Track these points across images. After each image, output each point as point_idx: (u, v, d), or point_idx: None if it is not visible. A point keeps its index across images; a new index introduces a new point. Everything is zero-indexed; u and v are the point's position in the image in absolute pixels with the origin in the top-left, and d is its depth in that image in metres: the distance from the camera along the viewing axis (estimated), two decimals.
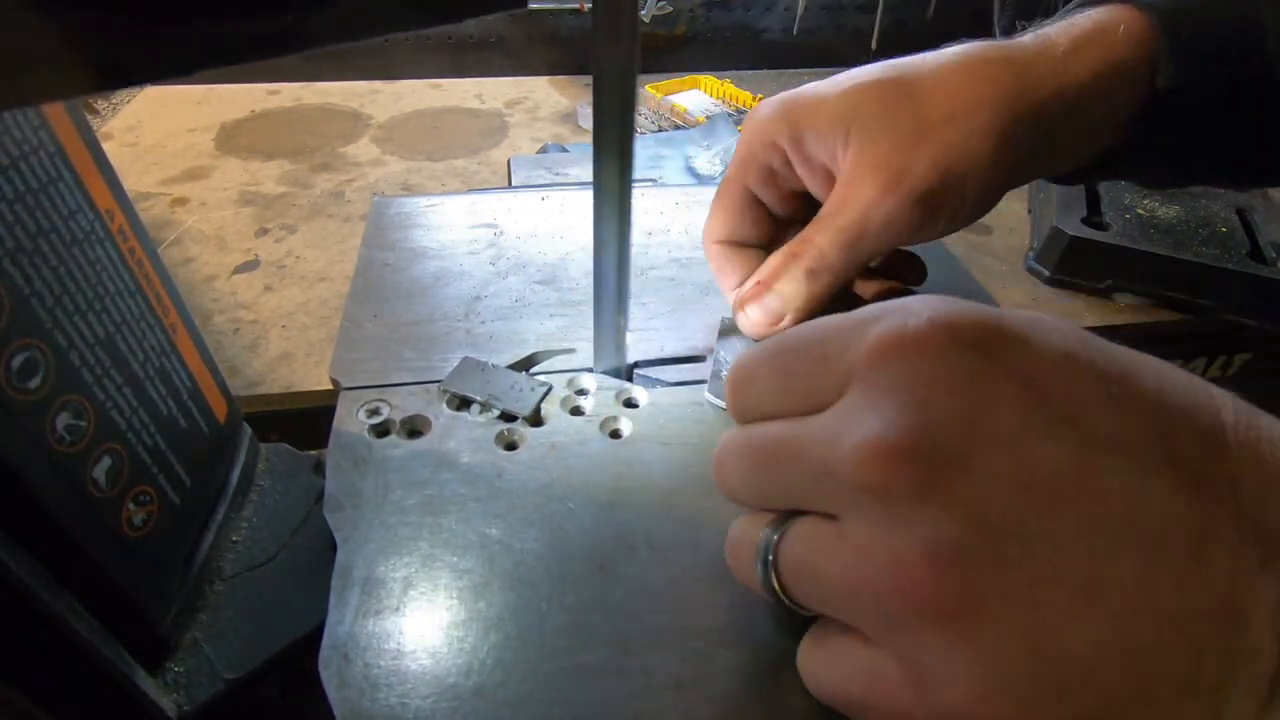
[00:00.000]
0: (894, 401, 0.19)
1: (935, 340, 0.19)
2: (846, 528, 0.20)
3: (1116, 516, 0.17)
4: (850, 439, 0.19)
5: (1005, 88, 0.32)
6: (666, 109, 0.84)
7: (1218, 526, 0.17)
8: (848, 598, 0.20)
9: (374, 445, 0.32)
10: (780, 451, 0.22)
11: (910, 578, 0.18)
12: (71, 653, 0.22)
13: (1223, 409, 0.19)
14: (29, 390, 0.21)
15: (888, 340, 0.20)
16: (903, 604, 0.18)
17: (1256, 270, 0.57)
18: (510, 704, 0.24)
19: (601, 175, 0.29)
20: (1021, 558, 0.18)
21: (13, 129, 0.21)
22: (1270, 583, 0.17)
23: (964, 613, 0.18)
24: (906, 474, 0.18)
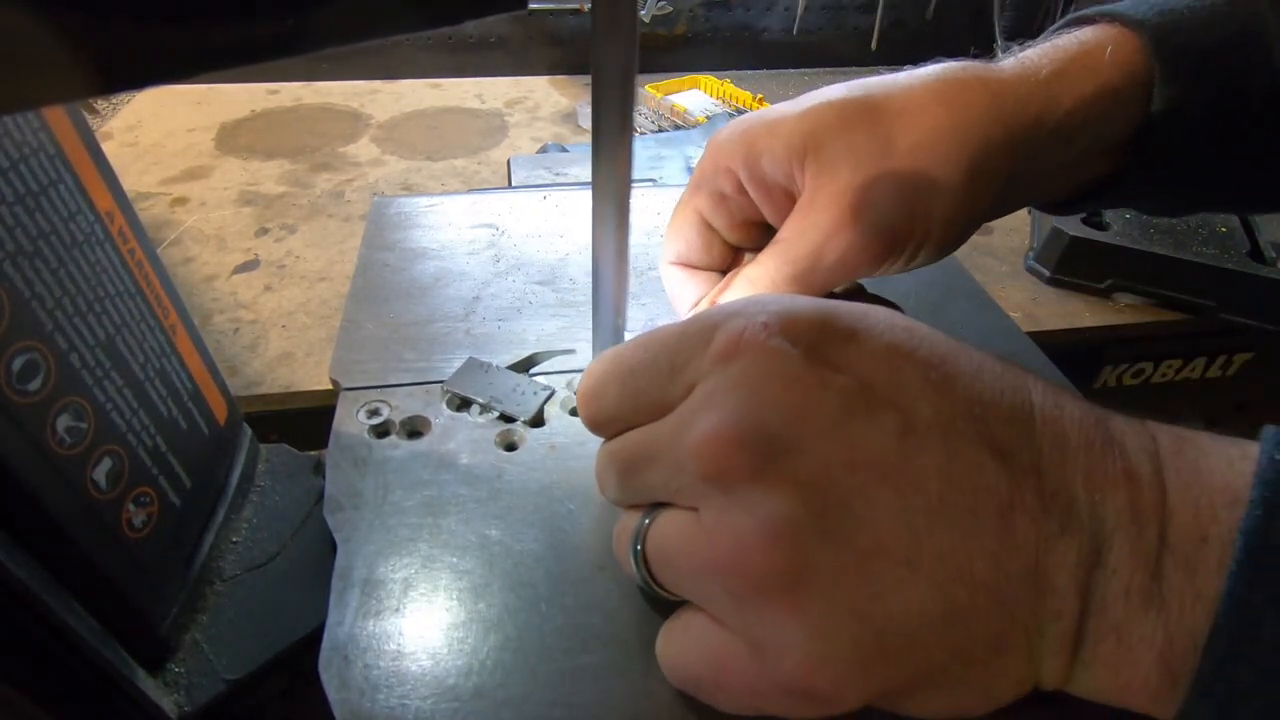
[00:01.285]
0: (729, 396, 0.21)
1: (769, 341, 0.21)
2: (699, 515, 0.21)
3: (933, 491, 0.19)
4: (691, 435, 0.21)
5: (979, 114, 0.29)
6: (666, 109, 0.84)
7: (1023, 497, 0.19)
8: (697, 579, 0.21)
9: (374, 446, 0.32)
10: (638, 457, 0.23)
11: (748, 554, 0.19)
12: (72, 653, 0.22)
13: (1033, 391, 0.21)
14: (29, 392, 0.21)
15: (726, 346, 0.21)
16: (742, 580, 0.20)
17: (1256, 270, 0.57)
18: (510, 705, 0.24)
19: (601, 175, 0.29)
20: (849, 532, 0.19)
21: (13, 131, 0.21)
22: (1069, 547, 0.19)
23: (796, 584, 0.19)
24: (741, 459, 0.20)
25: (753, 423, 0.20)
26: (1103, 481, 0.19)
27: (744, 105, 0.86)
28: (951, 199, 0.29)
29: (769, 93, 0.88)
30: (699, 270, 0.36)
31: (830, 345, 0.21)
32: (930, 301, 0.43)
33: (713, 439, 0.20)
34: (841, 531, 0.19)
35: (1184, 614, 0.18)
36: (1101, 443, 0.20)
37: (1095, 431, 0.20)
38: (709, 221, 0.35)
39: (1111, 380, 0.64)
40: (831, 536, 0.19)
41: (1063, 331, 0.58)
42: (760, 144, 0.31)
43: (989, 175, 0.30)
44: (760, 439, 0.20)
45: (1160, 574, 0.18)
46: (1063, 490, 0.19)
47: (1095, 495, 0.19)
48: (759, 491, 0.20)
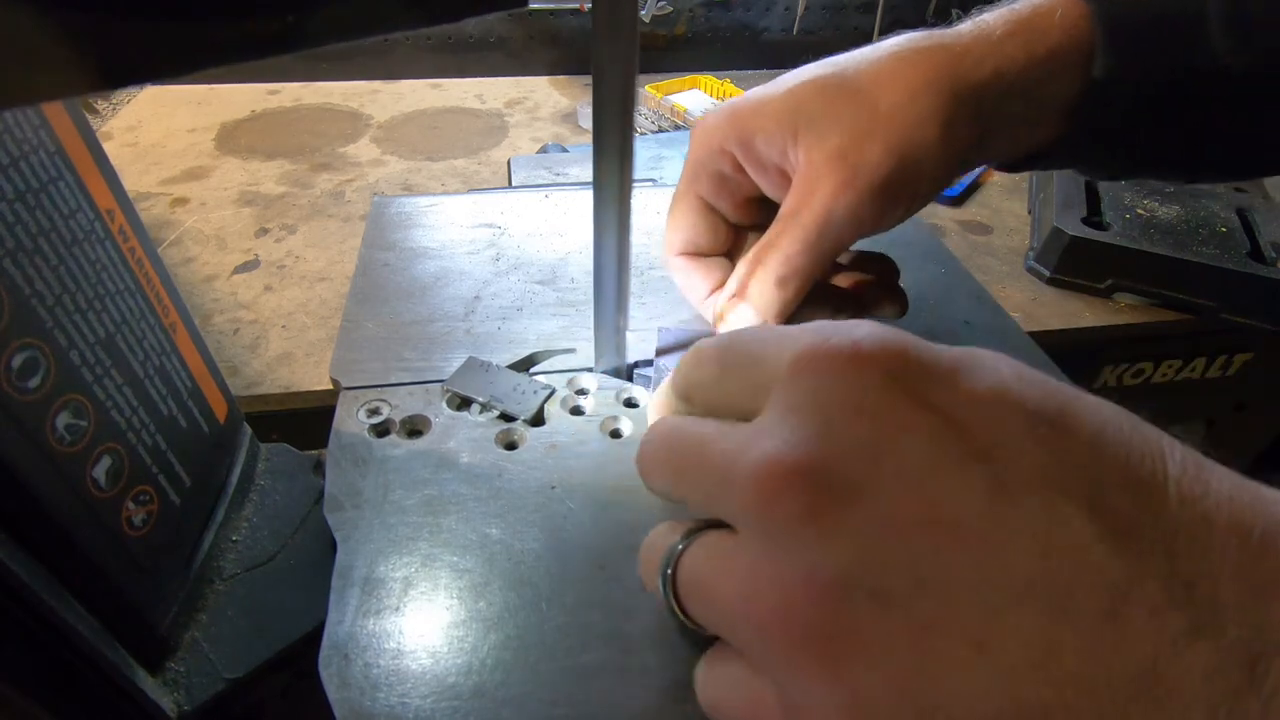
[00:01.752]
0: (799, 420, 0.19)
1: (853, 361, 0.19)
2: (740, 546, 0.19)
3: (1022, 564, 0.16)
4: (751, 454, 0.19)
5: (943, 71, 0.32)
6: (666, 109, 0.84)
7: (1143, 586, 0.16)
8: (733, 619, 0.19)
9: (374, 445, 0.32)
10: (696, 450, 0.21)
11: (788, 606, 0.17)
12: (72, 652, 0.22)
13: (1169, 459, 0.17)
14: (29, 390, 0.21)
15: (805, 355, 0.20)
16: (780, 633, 0.18)
17: (1256, 270, 0.57)
18: (510, 704, 0.24)
19: (601, 175, 0.29)
20: (909, 599, 0.17)
21: (13, 128, 0.21)
22: (1201, 654, 0.15)
23: (839, 650, 0.17)
24: (796, 497, 0.18)
25: (818, 455, 0.18)
26: (1261, 580, 0.16)
27: None
28: (934, 151, 0.31)
29: None
30: (706, 257, 0.37)
31: (925, 380, 0.19)
32: (931, 301, 0.43)
33: (772, 466, 0.18)
34: (901, 598, 0.17)
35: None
36: (1264, 531, 0.16)
37: (1253, 516, 0.16)
38: (712, 204, 0.36)
39: (1111, 380, 0.64)
40: (888, 601, 0.17)
41: (1063, 331, 0.58)
42: (751, 124, 0.33)
43: (960, 127, 0.32)
44: (823, 475, 0.18)
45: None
46: (1200, 584, 0.16)
47: (1250, 597, 0.15)
48: (812, 536, 0.17)
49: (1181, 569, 0.16)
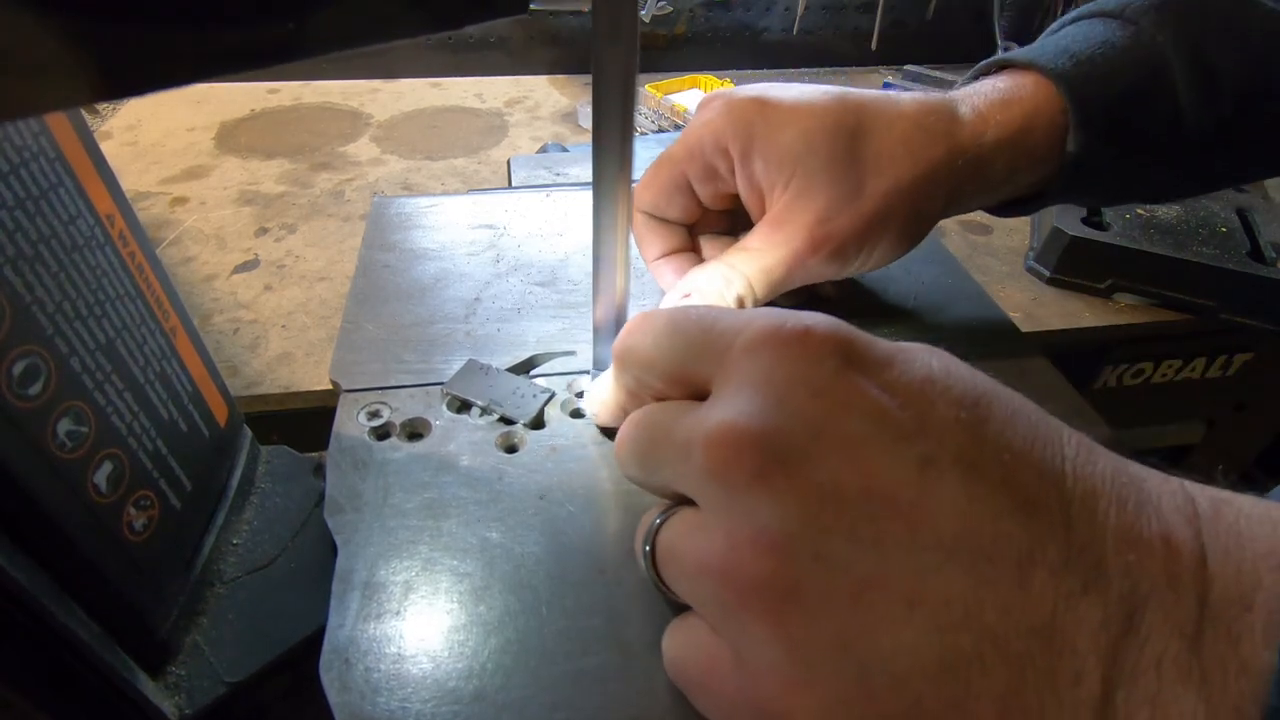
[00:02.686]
0: (752, 393, 0.20)
1: (804, 343, 0.21)
2: (701, 515, 0.21)
3: (947, 531, 0.18)
4: (705, 424, 0.20)
5: (936, 165, 0.35)
6: (666, 109, 0.84)
7: (1045, 550, 0.18)
8: (692, 580, 0.21)
9: (374, 448, 0.32)
10: (657, 434, 0.23)
11: (737, 559, 0.19)
12: (73, 656, 0.23)
13: (1065, 444, 0.20)
14: (30, 397, 0.21)
15: (761, 335, 0.21)
16: (730, 588, 0.19)
17: (1256, 270, 0.57)
18: (511, 708, 0.24)
19: (601, 175, 0.29)
20: (848, 559, 0.18)
21: (13, 135, 0.21)
22: (1092, 607, 0.17)
23: (783, 601, 0.19)
24: (748, 459, 0.19)
25: (769, 424, 0.20)
26: (1135, 543, 0.18)
27: None
28: (897, 234, 0.36)
29: None
30: (668, 223, 0.40)
31: (865, 366, 0.21)
32: (931, 302, 0.43)
33: (724, 433, 0.20)
34: (840, 556, 0.18)
35: (1228, 687, 0.16)
36: (1136, 502, 0.19)
37: (1129, 490, 0.19)
38: (694, 186, 0.38)
39: (1112, 380, 0.64)
40: (828, 559, 0.18)
41: (1063, 331, 0.58)
42: (757, 144, 0.35)
43: (930, 213, 0.37)
44: (773, 443, 0.19)
45: (1200, 644, 0.17)
46: (1090, 548, 0.18)
47: (1127, 556, 0.18)
48: (760, 496, 0.19)
49: (1076, 536, 0.18)
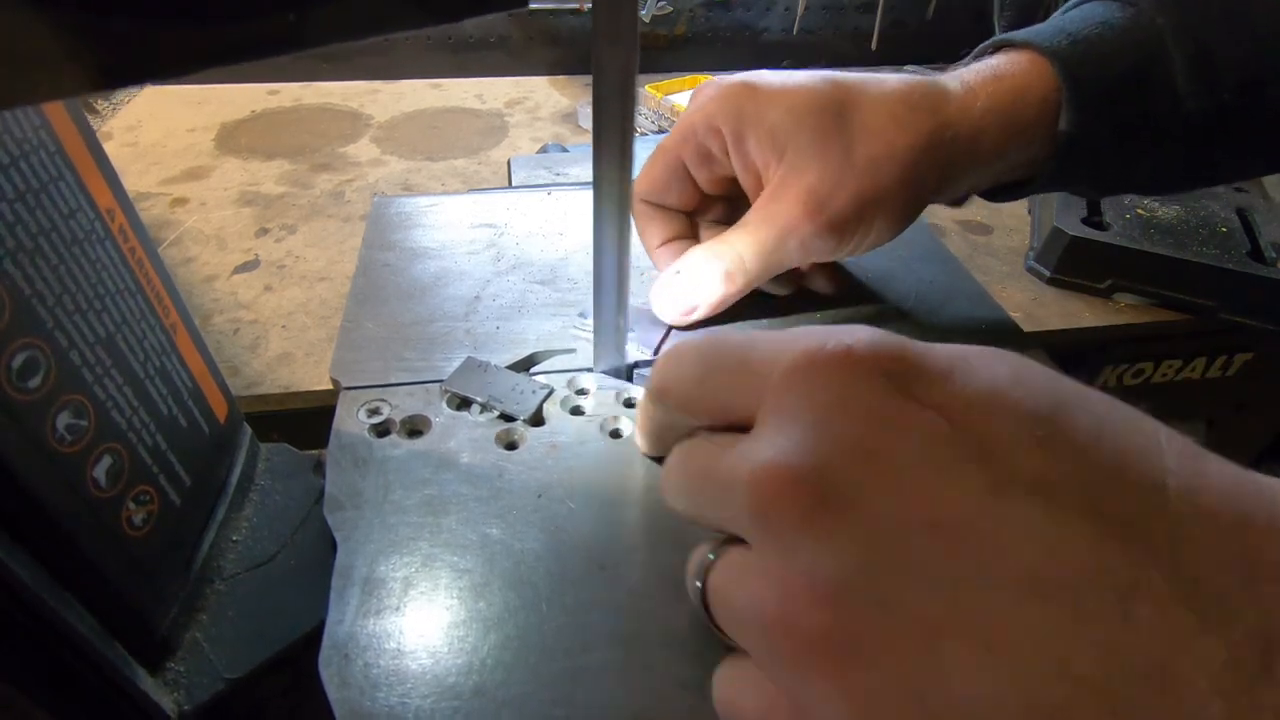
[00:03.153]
0: (794, 426, 0.19)
1: (847, 364, 0.19)
2: (751, 556, 0.20)
3: (1027, 564, 0.16)
4: (748, 463, 0.19)
5: (925, 136, 0.35)
6: (666, 109, 0.84)
7: (1150, 584, 0.15)
8: (745, 626, 0.20)
9: (374, 445, 0.32)
10: (703, 469, 0.22)
11: (791, 611, 0.18)
12: (71, 652, 0.22)
13: (1166, 454, 0.17)
14: (29, 390, 0.21)
15: (800, 361, 0.19)
16: (785, 639, 0.18)
17: (1256, 270, 0.57)
18: (510, 704, 0.24)
19: (601, 175, 0.29)
20: (914, 600, 0.16)
21: (13, 128, 0.21)
22: (1212, 648, 0.15)
23: (843, 654, 0.17)
24: (794, 502, 0.18)
25: (815, 460, 0.18)
26: (1267, 570, 0.15)
27: None
28: (891, 206, 0.35)
29: None
30: (667, 210, 0.40)
31: (921, 381, 0.18)
32: (932, 301, 0.43)
33: (768, 474, 0.18)
34: (905, 599, 0.16)
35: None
36: (1267, 520, 0.16)
37: (1254, 504, 0.16)
38: (690, 170, 0.39)
39: (1112, 380, 0.64)
40: (892, 604, 0.17)
41: (1063, 331, 0.58)
42: (748, 126, 0.36)
43: (923, 187, 0.36)
44: (821, 479, 0.18)
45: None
46: (1206, 577, 0.15)
47: (1259, 587, 0.15)
48: (812, 540, 0.17)
49: (1186, 565, 0.16)
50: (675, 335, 0.39)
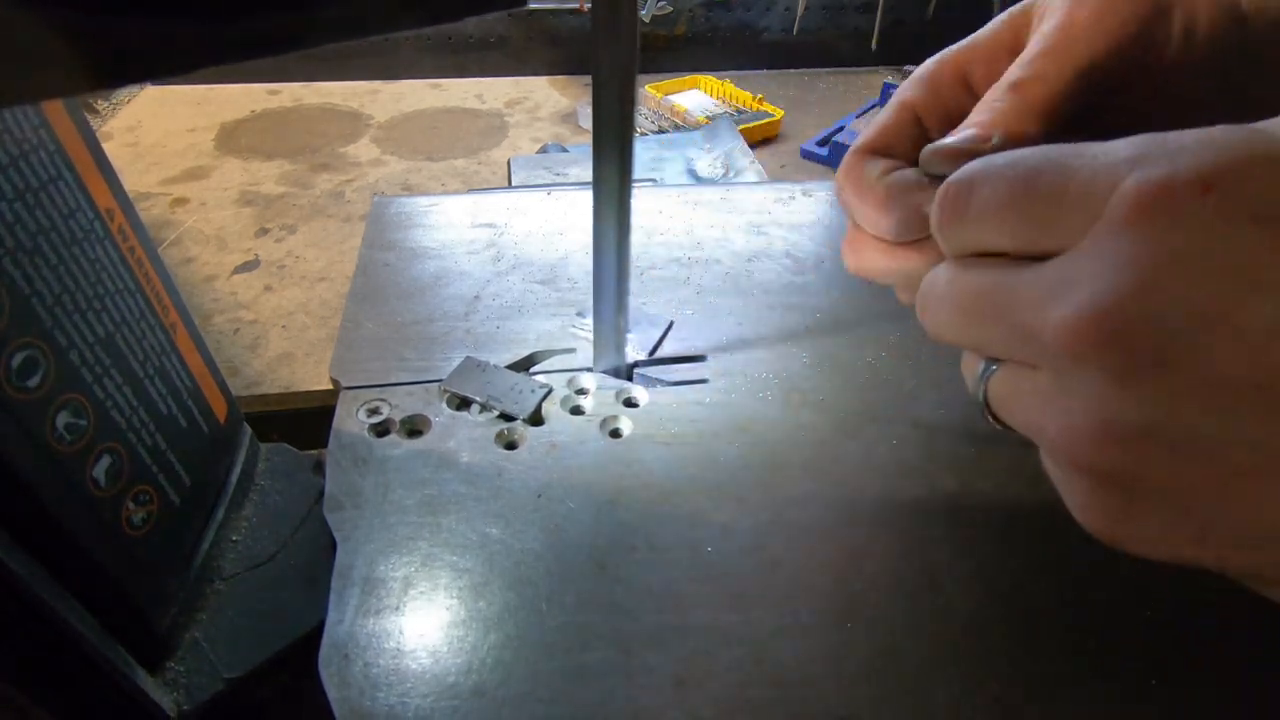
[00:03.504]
0: (1132, 271, 0.16)
1: (1209, 205, 0.16)
2: (1046, 383, 0.18)
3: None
4: (1063, 306, 0.17)
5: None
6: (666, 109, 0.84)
7: None
8: (1034, 434, 0.19)
9: (374, 445, 0.32)
10: (986, 305, 0.20)
11: (1077, 445, 0.17)
12: (71, 652, 0.22)
13: None
14: (29, 389, 0.21)
15: (1146, 195, 0.16)
16: (1069, 464, 0.18)
17: None
18: (510, 703, 0.24)
19: (601, 175, 0.29)
20: (1221, 449, 0.16)
21: (13, 127, 0.21)
22: None
23: (1131, 494, 0.17)
24: (1119, 356, 0.16)
25: (1155, 314, 0.16)
26: None
27: (744, 105, 0.86)
28: (1193, 32, 0.26)
29: (769, 93, 0.88)
30: (889, 160, 0.31)
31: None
32: None
33: (1094, 319, 0.16)
34: (1210, 447, 0.16)
35: None
36: None
37: None
38: (921, 117, 0.31)
39: None
40: (1193, 452, 0.16)
41: None
42: (978, 42, 0.29)
43: (1224, 38, 0.27)
44: (1150, 335, 0.16)
45: None
46: None
47: None
48: (1130, 393, 0.16)
49: None
50: (674, 333, 0.39)
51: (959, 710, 0.24)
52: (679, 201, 0.51)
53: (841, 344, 0.39)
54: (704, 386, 0.36)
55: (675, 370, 0.37)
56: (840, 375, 0.37)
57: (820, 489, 0.31)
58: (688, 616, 0.26)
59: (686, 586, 0.27)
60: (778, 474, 0.32)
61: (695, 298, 0.42)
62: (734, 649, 0.26)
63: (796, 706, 0.24)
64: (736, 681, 0.25)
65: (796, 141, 0.83)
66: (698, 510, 0.30)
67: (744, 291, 0.43)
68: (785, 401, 0.35)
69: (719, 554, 0.28)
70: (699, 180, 0.69)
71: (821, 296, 0.42)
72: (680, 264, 0.45)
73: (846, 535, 0.29)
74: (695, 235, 0.47)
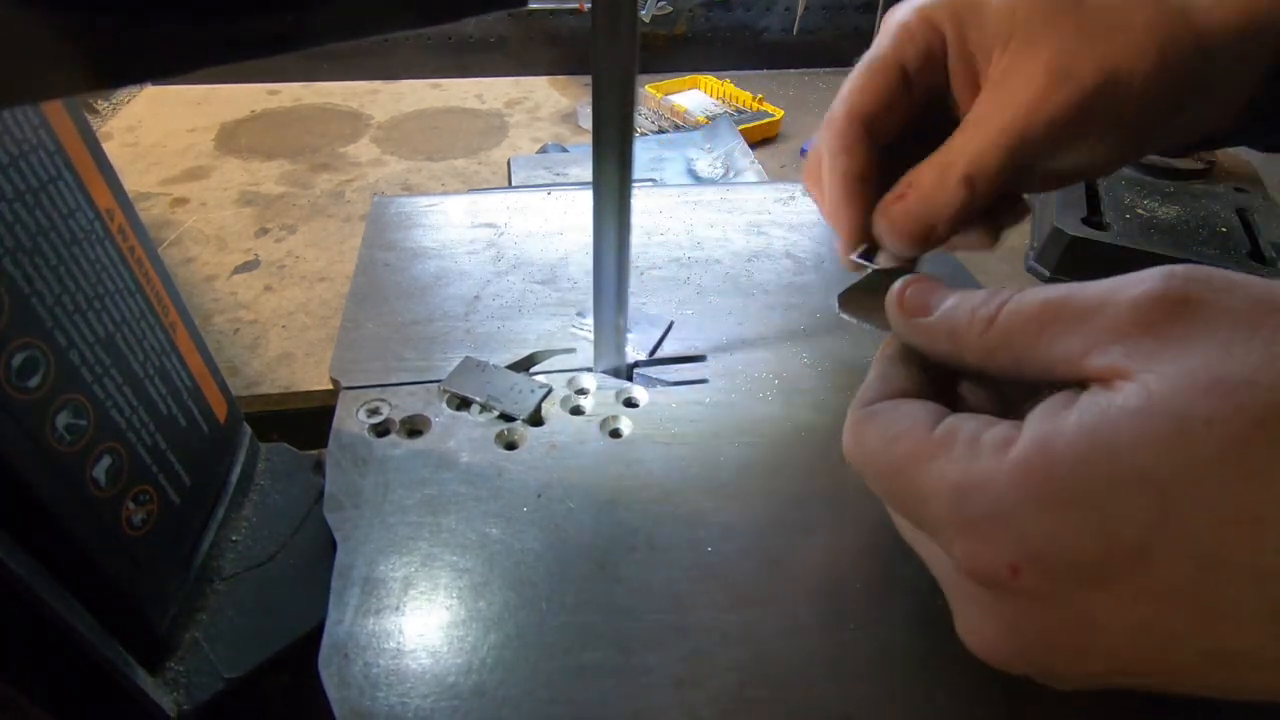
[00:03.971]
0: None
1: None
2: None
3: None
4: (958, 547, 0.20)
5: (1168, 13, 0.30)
6: (666, 109, 0.84)
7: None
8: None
9: (374, 445, 0.32)
10: (903, 484, 0.21)
11: (988, 651, 0.20)
12: (71, 652, 0.22)
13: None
14: (29, 389, 0.21)
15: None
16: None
17: (1256, 270, 0.57)
18: (510, 703, 0.24)
19: (601, 175, 0.29)
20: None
21: (12, 127, 0.21)
22: None
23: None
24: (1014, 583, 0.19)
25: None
26: None
27: (744, 105, 0.86)
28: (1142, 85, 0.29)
29: (769, 93, 0.88)
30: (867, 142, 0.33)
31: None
32: None
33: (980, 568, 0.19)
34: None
35: None
36: None
37: None
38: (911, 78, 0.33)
39: None
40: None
41: None
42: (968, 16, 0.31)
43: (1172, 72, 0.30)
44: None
45: None
46: None
47: None
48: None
49: None
50: (674, 333, 0.39)
51: (959, 711, 0.24)
52: (679, 201, 0.51)
53: (841, 344, 0.39)
54: (704, 386, 0.36)
55: (675, 370, 0.37)
56: (840, 375, 0.37)
57: (820, 489, 0.31)
58: (688, 616, 0.26)
59: (686, 586, 0.27)
60: (778, 474, 0.32)
61: (695, 298, 0.42)
62: (734, 649, 0.26)
63: (796, 706, 0.24)
64: (736, 681, 0.25)
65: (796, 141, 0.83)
66: (698, 510, 0.30)
67: (744, 291, 0.43)
68: (785, 401, 0.35)
69: (719, 554, 0.28)
70: (699, 180, 0.69)
71: (821, 296, 0.42)
72: (680, 264, 0.45)
73: (847, 535, 0.29)
74: (695, 235, 0.47)
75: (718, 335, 0.39)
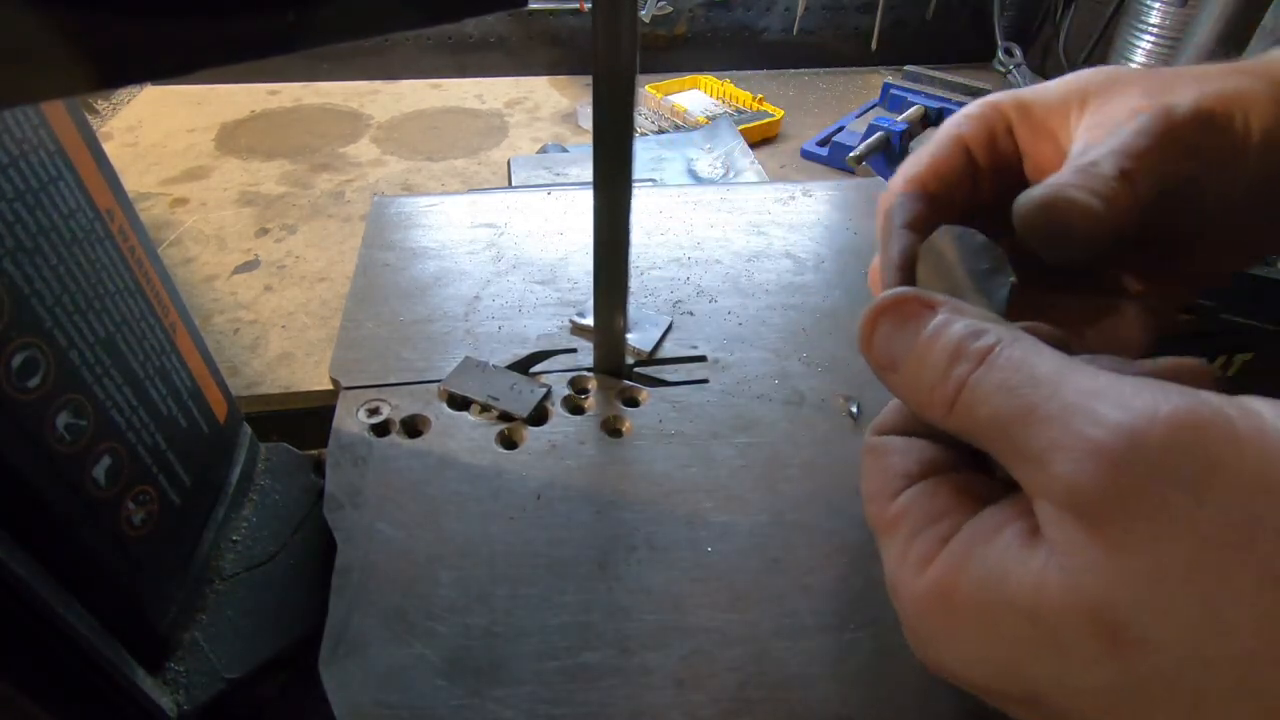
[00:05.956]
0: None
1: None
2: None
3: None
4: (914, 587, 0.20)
5: (1262, 92, 0.26)
6: (666, 109, 0.84)
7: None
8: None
9: (374, 444, 0.32)
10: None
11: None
12: (71, 652, 0.22)
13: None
14: (29, 389, 0.21)
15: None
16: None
17: (1256, 270, 0.57)
18: (510, 703, 0.24)
19: (601, 175, 0.29)
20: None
21: (12, 127, 0.21)
22: None
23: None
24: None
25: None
26: None
27: (744, 105, 0.86)
28: (1259, 108, 0.26)
29: (769, 93, 0.88)
30: (934, 195, 0.30)
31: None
32: None
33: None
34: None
35: None
36: None
37: None
38: (972, 153, 0.31)
39: None
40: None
41: None
42: (1028, 95, 0.30)
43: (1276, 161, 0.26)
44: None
45: None
46: None
47: None
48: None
49: None
50: (674, 333, 0.39)
51: (958, 711, 0.24)
52: (679, 201, 0.51)
53: (841, 344, 0.39)
54: (704, 386, 0.36)
55: (675, 370, 0.37)
56: (840, 375, 0.37)
57: (820, 489, 0.31)
58: (688, 616, 0.26)
59: (686, 586, 0.27)
60: (778, 474, 0.32)
61: (695, 298, 0.42)
62: (734, 649, 0.26)
63: (796, 706, 0.24)
64: (736, 681, 0.25)
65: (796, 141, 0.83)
66: (698, 510, 0.30)
67: (744, 291, 0.43)
68: (785, 401, 0.35)
69: (719, 554, 0.28)
70: (699, 180, 0.69)
71: (821, 296, 0.42)
72: (680, 264, 0.45)
73: (846, 535, 0.29)
74: (695, 235, 0.47)
75: (718, 335, 0.39)
